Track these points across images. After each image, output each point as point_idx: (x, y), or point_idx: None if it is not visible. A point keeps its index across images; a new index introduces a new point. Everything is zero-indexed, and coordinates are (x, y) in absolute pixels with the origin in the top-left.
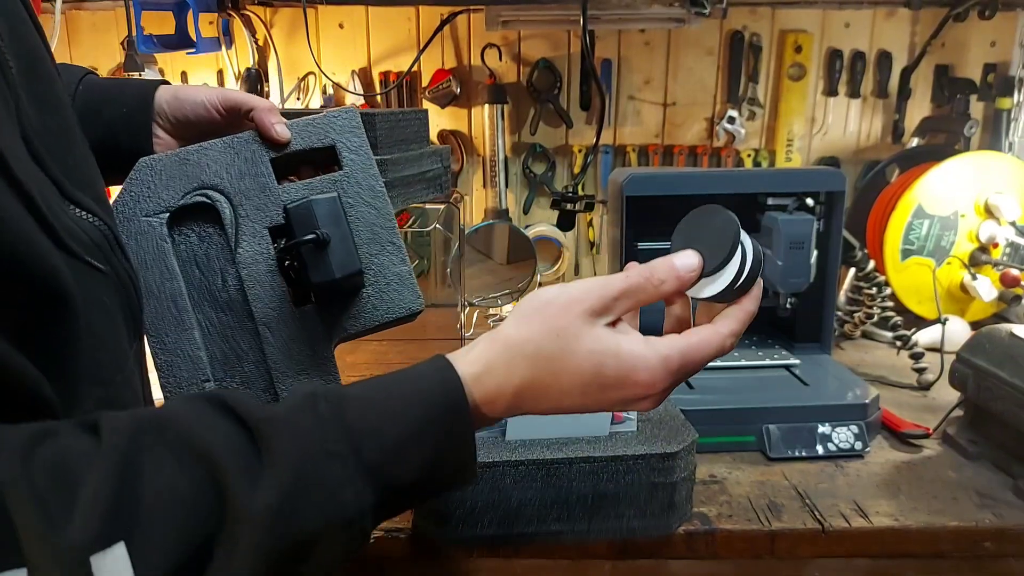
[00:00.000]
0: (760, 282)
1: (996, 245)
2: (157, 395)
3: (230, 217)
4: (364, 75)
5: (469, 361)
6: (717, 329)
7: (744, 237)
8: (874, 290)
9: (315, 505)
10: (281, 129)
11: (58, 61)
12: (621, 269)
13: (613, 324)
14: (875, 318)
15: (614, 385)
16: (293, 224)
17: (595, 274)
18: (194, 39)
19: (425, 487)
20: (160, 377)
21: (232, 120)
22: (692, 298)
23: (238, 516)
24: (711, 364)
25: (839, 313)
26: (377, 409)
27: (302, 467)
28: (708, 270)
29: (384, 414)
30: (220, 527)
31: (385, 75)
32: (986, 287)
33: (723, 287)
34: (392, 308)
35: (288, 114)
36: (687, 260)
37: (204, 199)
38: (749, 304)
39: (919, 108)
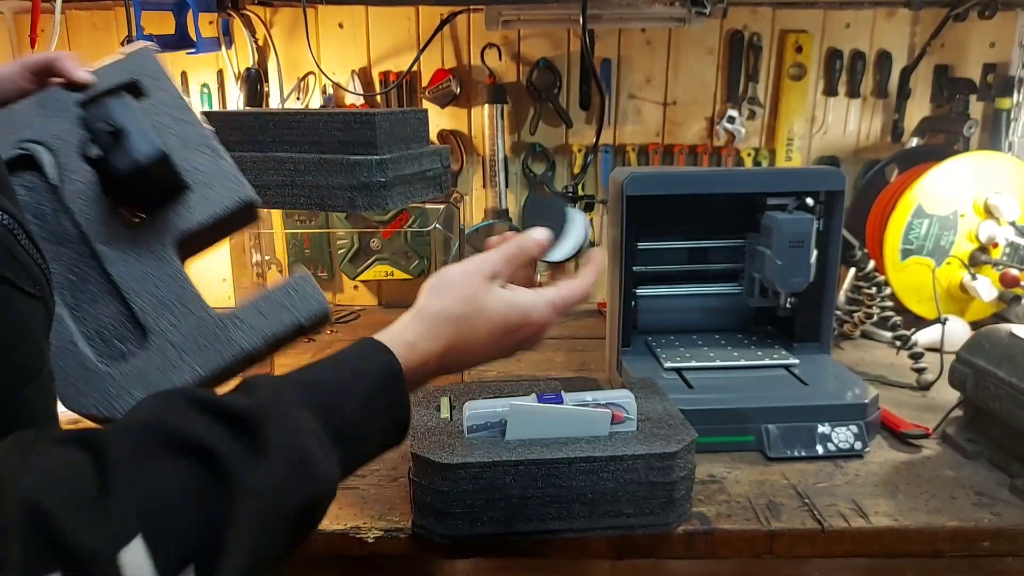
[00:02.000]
0: (598, 249)
1: (996, 245)
2: None
3: (51, 161)
4: (364, 75)
5: (400, 336)
6: (581, 280)
7: (573, 214)
8: (874, 290)
9: (303, 481)
10: (82, 73)
11: None
12: (622, 268)
13: (503, 286)
14: (875, 318)
15: (516, 329)
16: (93, 130)
17: None
18: (194, 39)
19: (373, 450)
20: None
21: (45, 83)
22: (547, 261)
23: (240, 501)
24: (710, 364)
25: (839, 313)
26: (332, 390)
27: (289, 449)
28: (554, 239)
29: (339, 393)
30: (228, 513)
31: (385, 75)
32: (986, 287)
33: (569, 251)
34: (220, 201)
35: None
36: (542, 233)
37: (22, 151)
38: (596, 263)
39: (919, 108)
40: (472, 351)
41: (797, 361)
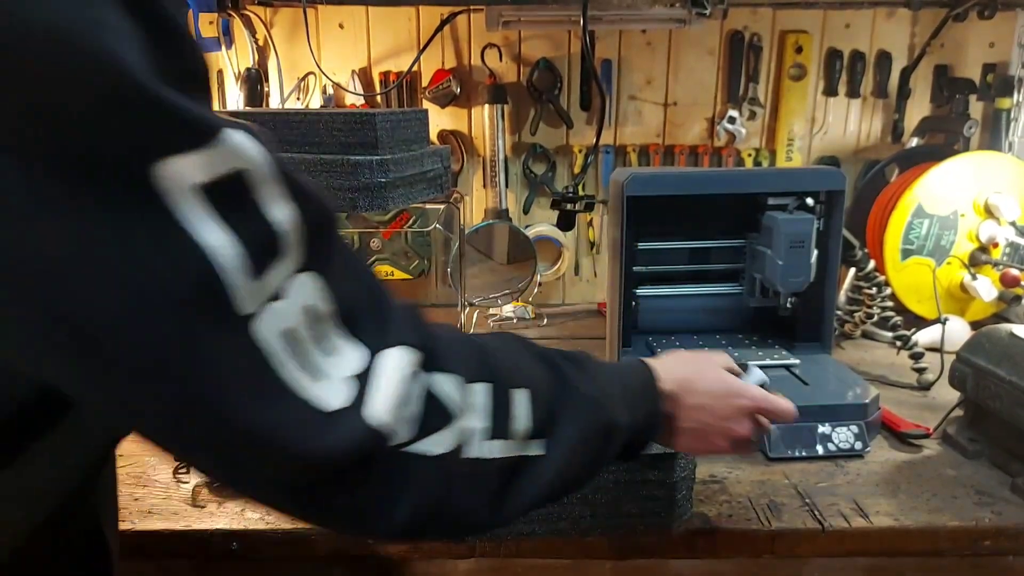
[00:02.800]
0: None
1: (996, 245)
2: None
3: None
4: (364, 75)
5: (655, 368)
6: (786, 401)
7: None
8: (874, 290)
9: (610, 408)
10: None
11: None
12: (622, 268)
13: None
14: (875, 318)
15: (736, 394)
16: None
17: (595, 274)
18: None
19: (639, 433)
20: None
21: None
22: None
23: (574, 397)
24: None
25: (839, 313)
26: (617, 376)
27: (605, 383)
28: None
29: (623, 379)
30: (567, 402)
31: (385, 75)
32: (986, 287)
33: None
34: None
35: None
36: (788, 406)
37: None
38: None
39: (919, 108)
40: (699, 394)
41: (798, 361)
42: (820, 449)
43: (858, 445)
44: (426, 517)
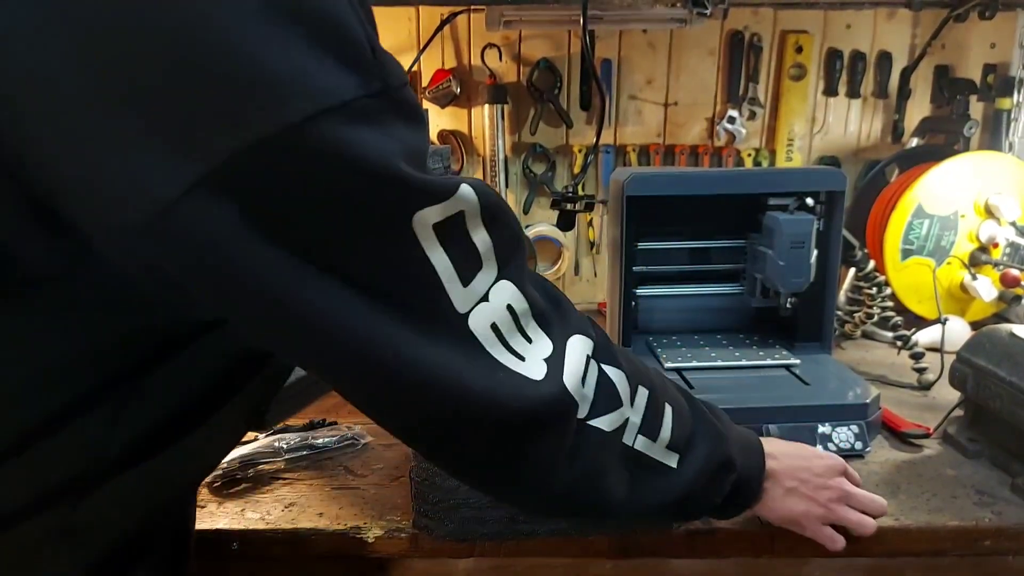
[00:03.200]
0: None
1: (996, 245)
2: None
3: None
4: None
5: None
6: (880, 499)
7: None
8: (874, 290)
9: (729, 442)
10: None
11: None
12: (622, 268)
13: None
14: (875, 318)
15: (822, 456)
16: None
17: (595, 274)
18: None
19: (743, 488)
20: None
21: None
22: None
23: (705, 426)
24: (712, 364)
25: (839, 313)
26: (728, 421)
27: (724, 420)
28: None
29: (730, 423)
30: (700, 434)
31: None
32: (986, 287)
33: None
34: None
35: None
36: (871, 524)
37: None
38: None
39: (919, 108)
40: (787, 459)
41: (798, 361)
42: (820, 449)
43: (858, 445)
44: (585, 485)
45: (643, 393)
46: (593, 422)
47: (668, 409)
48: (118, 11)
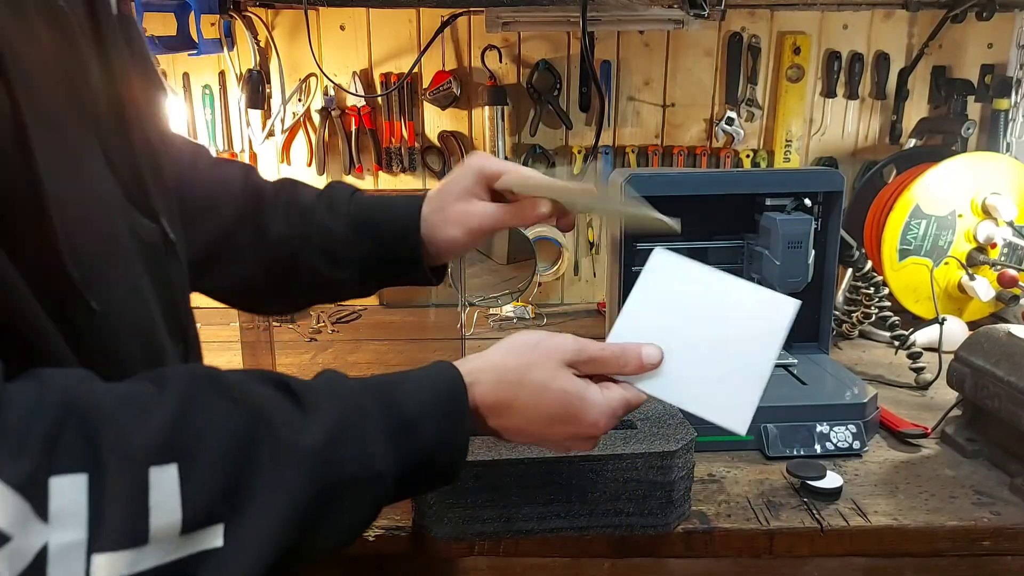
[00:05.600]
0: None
1: (994, 245)
2: None
3: None
4: (365, 76)
5: (465, 369)
6: (637, 394)
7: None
8: (872, 290)
9: (351, 454)
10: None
11: None
12: (622, 269)
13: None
14: (873, 318)
15: (572, 420)
16: None
17: (595, 274)
18: (196, 40)
19: (427, 467)
20: None
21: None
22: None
23: (283, 456)
24: None
25: (837, 313)
26: (396, 389)
27: (340, 419)
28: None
29: (402, 393)
30: (265, 465)
31: (386, 76)
32: (984, 287)
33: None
34: None
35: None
36: (651, 352)
37: None
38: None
39: (916, 109)
40: (520, 421)
41: (796, 361)
42: (818, 448)
43: (856, 444)
44: None
45: (74, 486)
46: None
47: (164, 475)
48: None
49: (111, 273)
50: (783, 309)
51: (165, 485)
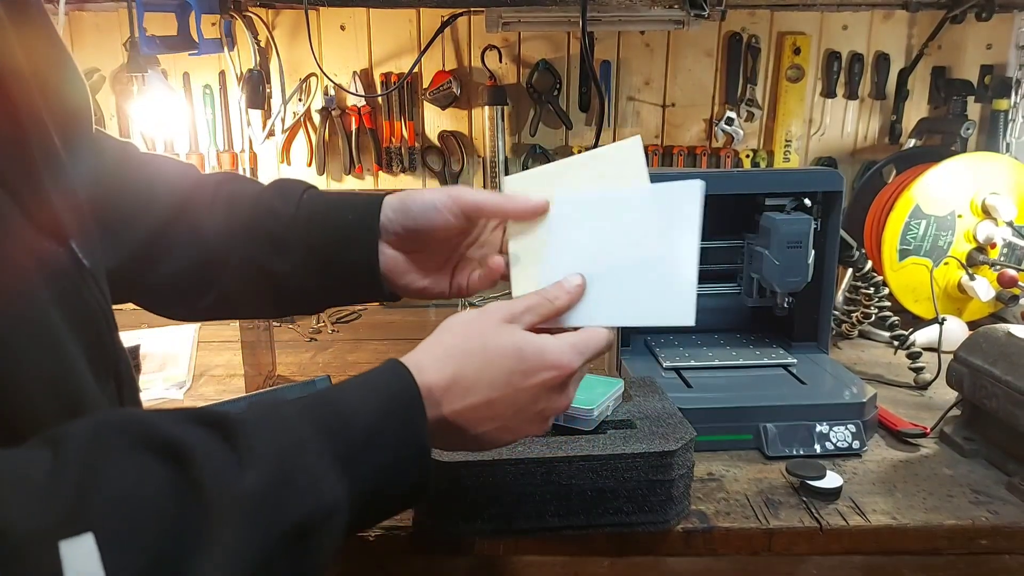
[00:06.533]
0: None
1: (993, 245)
2: None
3: None
4: (365, 76)
5: (411, 358)
6: (602, 330)
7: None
8: (871, 290)
9: (298, 495)
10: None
11: None
12: None
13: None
14: (872, 318)
15: (531, 370)
16: None
17: None
18: (196, 40)
19: (390, 486)
20: None
21: (467, 226)
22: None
23: (219, 509)
24: (710, 363)
25: (836, 313)
26: (339, 405)
27: (280, 458)
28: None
29: (347, 408)
30: (200, 521)
31: (386, 76)
32: (983, 287)
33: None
34: None
35: None
36: (573, 279)
37: None
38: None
39: (916, 109)
40: (480, 390)
41: (795, 360)
42: (817, 448)
43: (855, 444)
44: None
45: None
46: None
47: (80, 546)
48: None
49: (6, 310)
50: (691, 194)
51: (82, 559)
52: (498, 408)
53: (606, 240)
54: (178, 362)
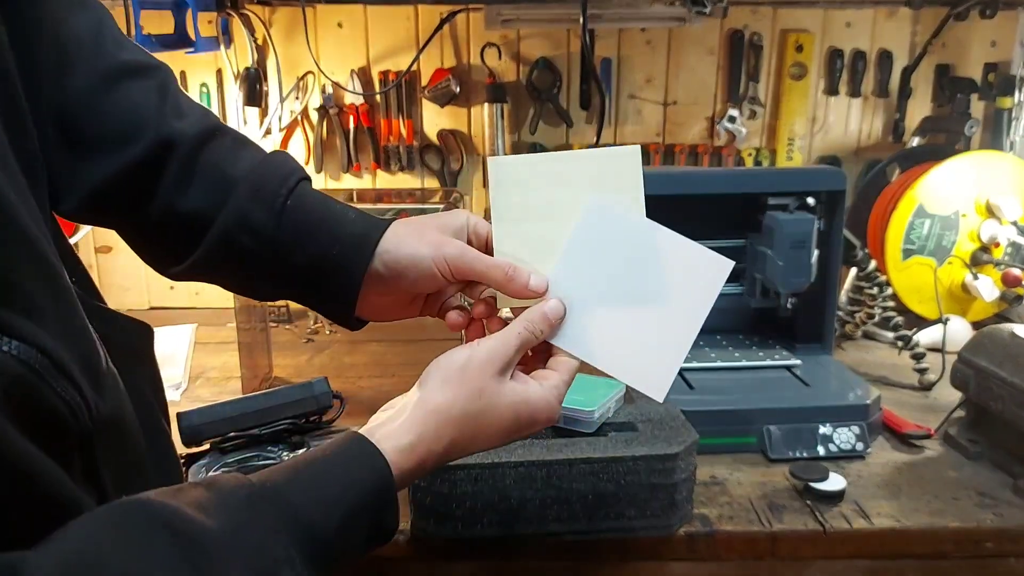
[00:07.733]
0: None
1: (997, 245)
2: None
3: None
4: (363, 74)
5: (397, 439)
6: (571, 366)
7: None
8: (875, 290)
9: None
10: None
11: None
12: None
13: (513, 375)
14: (876, 318)
15: (526, 425)
16: None
17: None
18: (193, 38)
19: (355, 557)
20: None
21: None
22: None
23: None
24: (712, 365)
25: (840, 313)
26: (314, 501)
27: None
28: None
29: (321, 505)
30: None
31: (384, 74)
32: (987, 287)
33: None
34: None
35: None
36: (555, 307)
37: None
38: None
39: (920, 107)
40: (477, 446)
41: (799, 362)
42: (821, 450)
43: (859, 446)
44: None
45: None
46: None
47: None
48: None
49: None
50: (717, 270)
51: None
52: (484, 447)
53: (620, 273)
54: (175, 363)
